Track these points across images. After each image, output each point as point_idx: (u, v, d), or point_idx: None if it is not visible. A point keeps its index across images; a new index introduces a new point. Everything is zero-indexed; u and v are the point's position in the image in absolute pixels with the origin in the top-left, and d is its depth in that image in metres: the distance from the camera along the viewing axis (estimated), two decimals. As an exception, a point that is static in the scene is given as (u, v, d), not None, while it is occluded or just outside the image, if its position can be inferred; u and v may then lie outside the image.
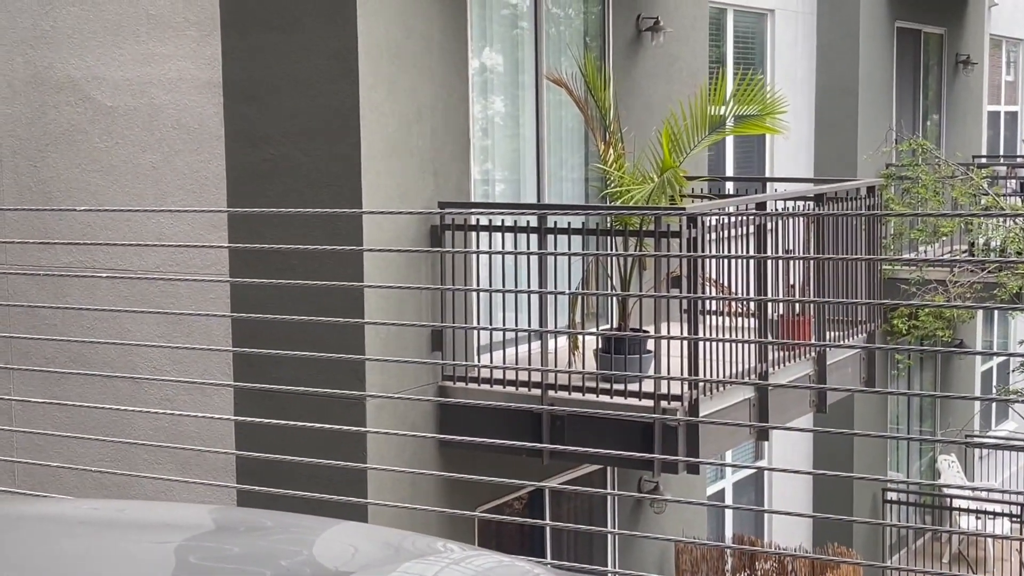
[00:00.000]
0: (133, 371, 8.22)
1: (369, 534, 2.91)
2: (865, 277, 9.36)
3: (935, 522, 15.01)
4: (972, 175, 13.20)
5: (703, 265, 7.84)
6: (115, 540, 2.70)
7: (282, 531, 2.69)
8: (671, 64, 9.98)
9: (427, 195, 7.91)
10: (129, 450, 8.26)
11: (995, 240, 13.37)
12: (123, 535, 2.75)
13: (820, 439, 13.52)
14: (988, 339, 17.69)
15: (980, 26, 16.56)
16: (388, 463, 7.62)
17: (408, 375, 7.84)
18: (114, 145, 8.34)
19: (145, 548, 2.64)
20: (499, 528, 8.88)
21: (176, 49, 8.07)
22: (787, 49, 13.19)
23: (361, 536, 2.83)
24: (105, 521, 2.86)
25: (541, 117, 8.94)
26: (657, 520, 9.90)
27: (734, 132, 9.18)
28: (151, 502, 6.21)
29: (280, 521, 2.75)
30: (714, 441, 7.95)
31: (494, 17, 8.71)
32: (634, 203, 7.98)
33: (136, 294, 8.28)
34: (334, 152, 7.56)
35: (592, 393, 7.73)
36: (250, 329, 7.82)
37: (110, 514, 3.01)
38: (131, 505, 4.01)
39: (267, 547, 2.62)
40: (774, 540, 12.62)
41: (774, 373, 8.33)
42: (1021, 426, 16.93)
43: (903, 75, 14.86)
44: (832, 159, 13.62)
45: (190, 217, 8.03)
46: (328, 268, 7.53)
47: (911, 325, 13.47)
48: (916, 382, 15.34)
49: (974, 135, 16.65)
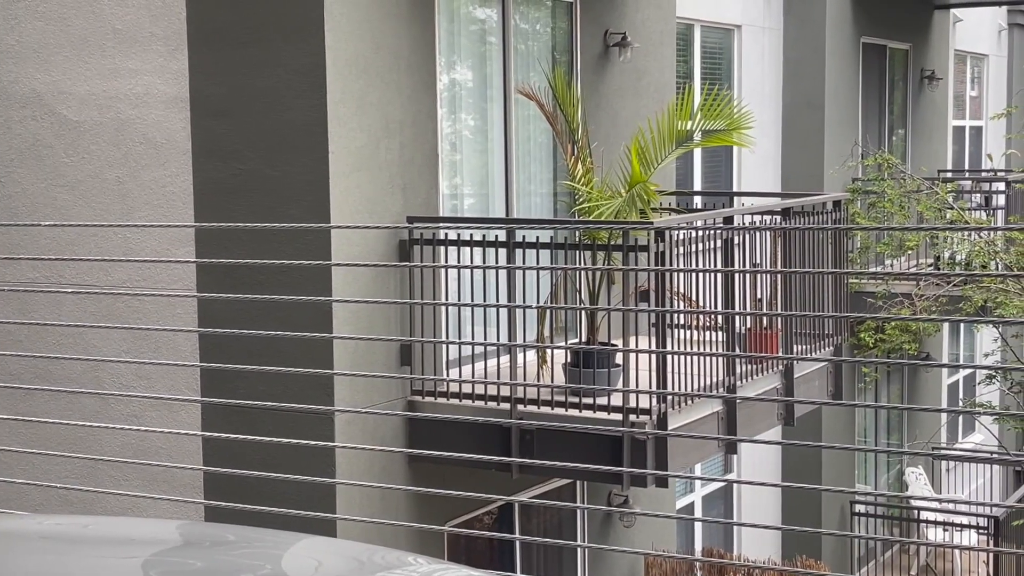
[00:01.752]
0: (99, 387, 8.17)
1: (336, 548, 2.90)
2: (832, 291, 9.41)
3: (903, 534, 15.07)
4: (937, 189, 13.30)
5: (671, 279, 7.87)
6: (79, 556, 2.68)
7: (247, 546, 2.68)
8: (639, 79, 10.03)
9: (396, 210, 7.91)
10: (95, 466, 8.21)
11: (960, 254, 13.47)
12: (87, 551, 2.73)
13: (788, 452, 13.58)
14: (954, 352, 17.82)
15: (945, 42, 16.71)
16: (357, 478, 7.60)
17: (377, 390, 7.83)
18: (80, 160, 8.30)
19: (109, 564, 2.62)
20: (469, 543, 8.86)
21: (143, 64, 8.04)
22: (754, 64, 13.27)
23: (328, 550, 2.82)
24: (69, 537, 2.85)
25: (510, 132, 8.96)
26: (627, 534, 9.91)
27: (701, 144, 9.22)
28: (116, 517, 6.17)
29: (245, 536, 2.74)
30: (683, 454, 7.96)
31: (462, 32, 8.72)
32: (605, 218, 8.01)
33: (102, 310, 8.23)
34: (302, 167, 7.55)
35: (561, 407, 7.73)
36: (218, 344, 7.78)
37: (74, 530, 2.99)
38: (96, 521, 3.98)
39: (232, 562, 2.61)
40: (743, 553, 12.64)
41: (742, 386, 8.36)
42: (987, 438, 17.04)
43: (869, 90, 14.98)
44: (799, 173, 13.70)
45: (157, 232, 8.00)
46: (296, 283, 7.51)
47: (878, 338, 13.54)
48: (883, 395, 15.43)
49: (939, 150, 16.78)
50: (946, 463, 16.57)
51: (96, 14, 8.17)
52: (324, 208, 7.48)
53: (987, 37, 19.10)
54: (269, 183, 7.66)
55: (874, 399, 14.93)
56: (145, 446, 8.12)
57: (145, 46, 8.03)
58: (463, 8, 8.73)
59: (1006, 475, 18.43)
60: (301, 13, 7.49)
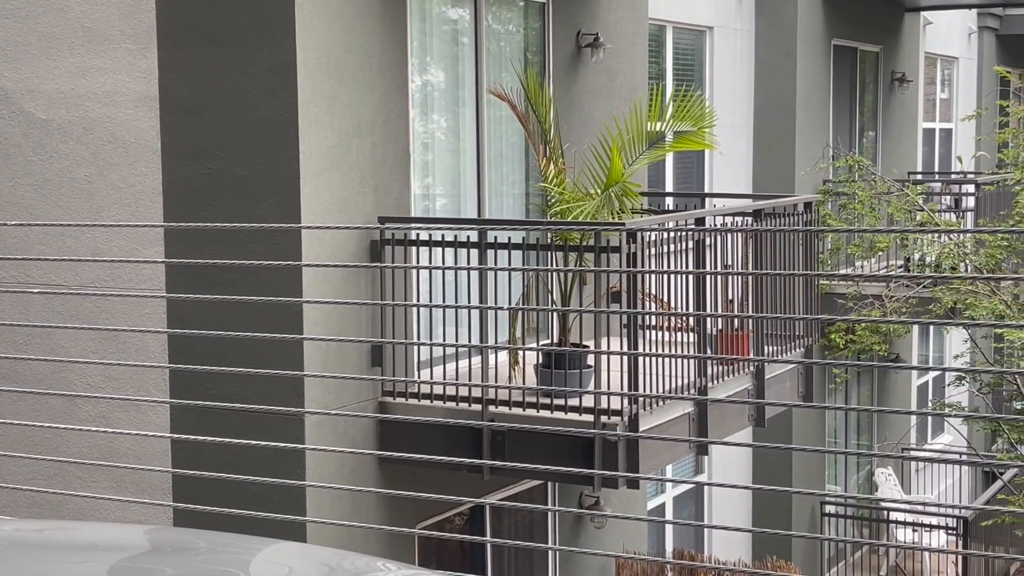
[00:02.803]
0: (67, 388, 8.10)
1: (305, 554, 2.87)
2: (803, 292, 9.44)
3: (872, 535, 15.14)
4: (907, 191, 13.36)
5: (643, 280, 7.87)
6: (46, 563, 2.64)
7: (216, 552, 2.65)
8: (611, 80, 10.02)
9: (367, 210, 7.88)
10: (63, 468, 8.13)
11: (930, 256, 13.55)
12: (54, 557, 2.69)
13: (759, 453, 13.61)
14: (924, 353, 17.91)
15: (915, 44, 16.80)
16: (328, 480, 7.56)
17: (348, 391, 7.79)
18: (48, 159, 8.22)
19: (76, 570, 2.58)
20: (440, 545, 8.84)
21: (112, 62, 7.97)
22: (726, 66, 13.29)
23: (297, 556, 2.79)
24: (35, 543, 2.81)
25: (482, 132, 8.94)
26: (598, 535, 9.91)
27: (670, 150, 9.23)
28: (84, 522, 6.12)
29: (213, 541, 2.70)
30: (654, 456, 7.96)
31: (435, 32, 8.70)
32: (583, 219, 8.00)
33: (70, 310, 8.16)
34: (273, 166, 7.51)
35: (532, 408, 7.72)
36: (187, 345, 7.73)
37: (41, 535, 2.95)
38: (63, 526, 3.94)
39: (199, 568, 2.58)
40: (714, 554, 12.67)
41: (713, 388, 8.37)
42: (957, 439, 17.14)
43: (840, 92, 15.04)
44: (770, 175, 13.74)
45: (126, 232, 7.94)
46: (267, 283, 7.47)
47: (848, 340, 13.60)
48: (853, 396, 15.49)
49: (909, 152, 16.87)
50: (915, 464, 16.66)
51: (65, 12, 8.10)
52: (295, 208, 7.44)
53: (957, 40, 19.22)
54: (239, 183, 7.61)
55: (844, 400, 14.99)
56: (113, 447, 8.06)
57: (114, 44, 7.96)
58: (435, 8, 8.71)
59: (975, 476, 18.56)
60: (272, 11, 7.45)
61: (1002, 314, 12.15)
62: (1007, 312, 12.23)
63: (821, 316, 9.85)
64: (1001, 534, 13.92)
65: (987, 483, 16.81)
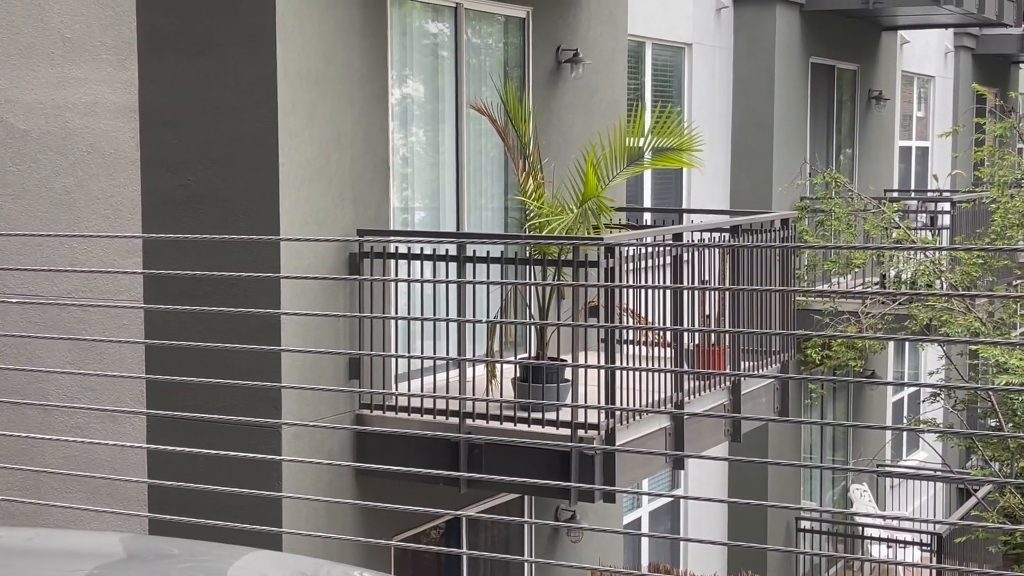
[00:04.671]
0: (43, 398, 8.08)
1: (281, 562, 2.88)
2: (779, 308, 9.48)
3: (847, 550, 15.19)
4: (884, 208, 13.45)
5: (620, 295, 7.90)
6: (21, 569, 2.65)
7: (191, 559, 2.66)
8: (590, 95, 10.07)
9: (346, 223, 7.89)
10: (38, 479, 8.10)
11: (906, 272, 13.63)
12: (29, 564, 2.70)
13: (735, 468, 13.65)
14: (899, 370, 17.99)
15: (892, 62, 16.92)
16: (304, 492, 7.56)
17: (325, 403, 7.79)
18: (27, 169, 8.21)
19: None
20: (416, 557, 8.83)
21: (92, 73, 7.97)
22: (704, 83, 13.37)
23: (273, 564, 2.80)
24: (10, 550, 2.81)
25: (461, 146, 8.97)
26: (574, 549, 9.92)
27: (651, 166, 9.28)
28: (58, 530, 6.10)
29: (190, 549, 2.71)
30: (631, 470, 7.99)
31: (415, 46, 8.73)
32: (556, 233, 8.03)
33: (48, 320, 8.14)
34: (252, 178, 7.52)
35: (510, 422, 7.73)
36: (164, 356, 7.72)
37: (16, 542, 2.95)
38: (38, 533, 3.93)
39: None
40: (690, 568, 12.69)
41: (690, 402, 8.40)
42: (931, 456, 17.22)
43: (817, 110, 15.13)
44: (748, 191, 13.81)
45: (104, 243, 7.93)
46: (245, 295, 7.47)
47: (824, 355, 13.66)
48: (829, 411, 15.55)
49: (886, 169, 16.98)
50: (890, 480, 16.72)
51: (45, 22, 8.10)
52: (274, 220, 7.45)
53: (934, 59, 19.36)
54: (218, 194, 7.61)
55: (820, 416, 15.05)
56: (89, 458, 8.03)
57: (94, 55, 7.97)
58: (416, 22, 8.74)
59: (949, 492, 18.63)
60: (252, 24, 7.47)
61: (977, 331, 12.24)
62: (982, 329, 12.32)
63: (797, 332, 9.91)
64: (975, 550, 13.98)
65: (961, 500, 16.88)
